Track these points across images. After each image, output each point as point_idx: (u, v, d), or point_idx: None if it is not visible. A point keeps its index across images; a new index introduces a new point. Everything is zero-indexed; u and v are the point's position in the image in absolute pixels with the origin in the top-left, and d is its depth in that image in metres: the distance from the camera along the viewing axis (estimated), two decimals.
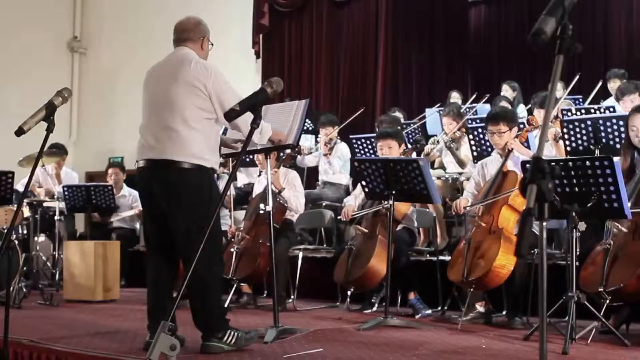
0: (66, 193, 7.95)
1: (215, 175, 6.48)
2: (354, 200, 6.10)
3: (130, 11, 12.77)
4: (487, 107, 8.74)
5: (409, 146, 6.82)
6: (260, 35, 11.74)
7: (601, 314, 4.28)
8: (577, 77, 7.96)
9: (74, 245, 6.94)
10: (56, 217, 7.69)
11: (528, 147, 5.80)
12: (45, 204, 7.81)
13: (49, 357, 4.06)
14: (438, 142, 7.67)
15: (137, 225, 8.69)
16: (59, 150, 8.24)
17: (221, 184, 5.85)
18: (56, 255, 7.81)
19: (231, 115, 3.37)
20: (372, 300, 5.94)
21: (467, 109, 8.40)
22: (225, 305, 5.76)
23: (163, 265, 4.19)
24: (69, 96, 4.01)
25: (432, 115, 9.06)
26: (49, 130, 3.87)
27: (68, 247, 6.90)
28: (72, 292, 6.66)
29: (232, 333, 4.02)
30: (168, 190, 4.02)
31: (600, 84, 8.15)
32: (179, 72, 4.02)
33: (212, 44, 4.33)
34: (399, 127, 7.85)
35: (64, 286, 6.85)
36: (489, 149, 6.34)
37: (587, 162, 4.21)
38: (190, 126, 3.97)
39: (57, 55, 13.15)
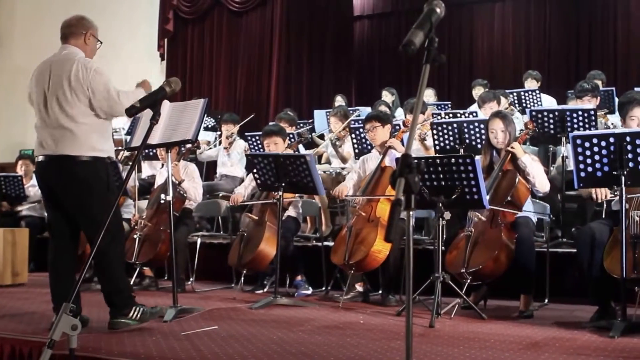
0: None
1: (120, 166, 6.30)
2: (244, 190, 6.07)
3: (43, 10, 12.15)
4: (369, 109, 8.86)
5: (293, 140, 6.88)
6: (165, 40, 11.63)
7: (463, 292, 4.42)
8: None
9: None
10: None
11: (404, 146, 5.92)
12: None
13: None
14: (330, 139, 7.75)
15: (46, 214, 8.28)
16: None
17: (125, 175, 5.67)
18: None
19: (132, 111, 3.29)
20: (265, 282, 5.92)
21: (352, 111, 8.48)
22: None
23: (64, 251, 4.07)
24: None
25: (320, 116, 9.12)
26: None
27: None
28: None
29: (138, 308, 3.96)
30: (68, 182, 3.92)
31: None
32: (63, 72, 3.93)
33: (101, 42, 4.19)
34: (296, 125, 8.02)
35: None
36: (369, 147, 6.43)
37: (452, 159, 4.33)
38: (80, 122, 3.88)
39: None
